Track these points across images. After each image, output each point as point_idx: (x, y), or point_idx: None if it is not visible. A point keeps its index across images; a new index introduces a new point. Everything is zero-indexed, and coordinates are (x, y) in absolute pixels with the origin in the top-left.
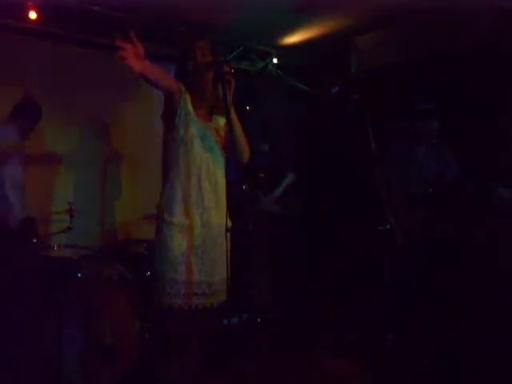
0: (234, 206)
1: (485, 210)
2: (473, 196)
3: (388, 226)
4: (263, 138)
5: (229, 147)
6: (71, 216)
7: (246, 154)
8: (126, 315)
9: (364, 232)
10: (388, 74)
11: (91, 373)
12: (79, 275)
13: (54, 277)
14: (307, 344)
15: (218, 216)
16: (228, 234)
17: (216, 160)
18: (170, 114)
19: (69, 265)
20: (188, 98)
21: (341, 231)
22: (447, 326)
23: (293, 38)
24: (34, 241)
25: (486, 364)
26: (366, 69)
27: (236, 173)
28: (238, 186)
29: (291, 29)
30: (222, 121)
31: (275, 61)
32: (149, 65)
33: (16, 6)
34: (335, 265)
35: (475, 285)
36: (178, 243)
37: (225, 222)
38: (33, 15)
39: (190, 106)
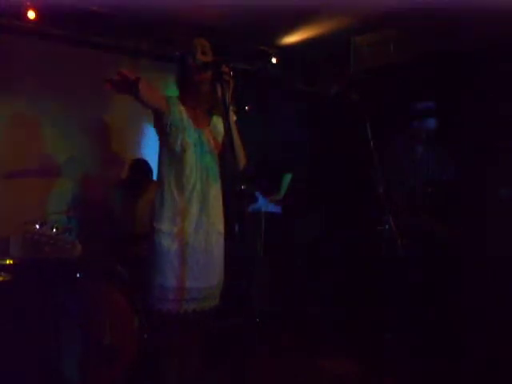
0: (234, 207)
1: (485, 210)
2: (472, 196)
3: (387, 226)
4: None
5: (225, 152)
6: (69, 218)
7: (241, 159)
8: (126, 315)
9: (364, 232)
10: (387, 73)
11: (91, 373)
12: (79, 275)
13: (53, 277)
14: (307, 344)
15: (211, 222)
16: (221, 240)
17: (210, 166)
18: (159, 128)
19: (68, 265)
20: (179, 109)
21: (341, 231)
22: (447, 326)
23: (292, 38)
24: None
25: (486, 364)
26: (366, 69)
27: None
28: (237, 187)
29: (290, 29)
30: (220, 125)
31: (274, 61)
32: (144, 84)
33: (15, 5)
34: (335, 265)
35: (475, 285)
36: (166, 250)
37: (219, 228)
38: (31, 15)
39: (182, 116)
